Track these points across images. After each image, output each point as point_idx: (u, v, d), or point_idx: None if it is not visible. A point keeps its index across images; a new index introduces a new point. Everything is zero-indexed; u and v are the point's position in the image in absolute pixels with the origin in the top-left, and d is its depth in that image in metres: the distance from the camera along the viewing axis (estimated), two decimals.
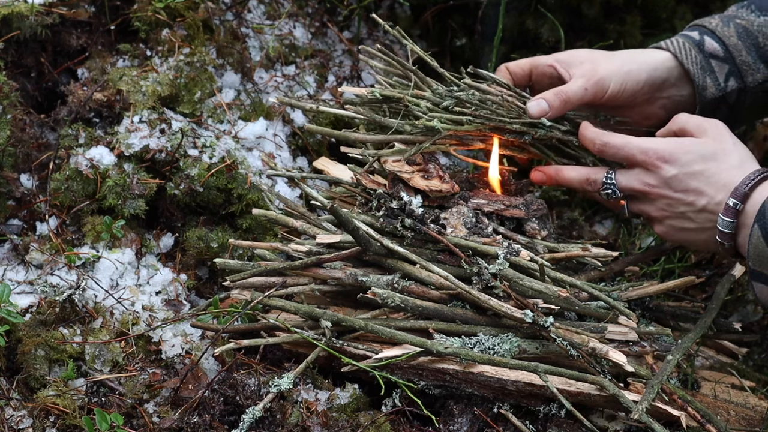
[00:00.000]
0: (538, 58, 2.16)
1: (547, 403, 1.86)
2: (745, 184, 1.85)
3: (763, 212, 1.79)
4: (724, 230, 1.87)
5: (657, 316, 2.07)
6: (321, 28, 2.56)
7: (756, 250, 1.79)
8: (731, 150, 1.92)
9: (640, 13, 2.74)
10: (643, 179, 1.95)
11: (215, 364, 1.92)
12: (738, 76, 2.06)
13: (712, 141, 1.92)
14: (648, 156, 1.93)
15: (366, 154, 2.06)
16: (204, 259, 2.15)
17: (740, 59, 2.05)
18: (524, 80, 2.17)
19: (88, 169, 2.13)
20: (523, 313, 1.83)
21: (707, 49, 2.06)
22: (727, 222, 1.86)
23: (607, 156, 2.00)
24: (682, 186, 1.91)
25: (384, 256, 1.93)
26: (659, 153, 1.92)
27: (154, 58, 2.30)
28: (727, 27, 2.07)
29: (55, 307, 1.93)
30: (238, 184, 2.18)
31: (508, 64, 2.17)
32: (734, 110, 2.08)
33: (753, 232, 1.80)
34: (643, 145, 1.94)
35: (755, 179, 1.85)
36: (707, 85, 2.06)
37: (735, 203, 1.84)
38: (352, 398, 1.85)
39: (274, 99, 2.26)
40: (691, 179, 1.90)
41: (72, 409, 1.81)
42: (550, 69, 2.12)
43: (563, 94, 2.04)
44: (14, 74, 2.26)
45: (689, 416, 1.83)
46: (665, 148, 1.93)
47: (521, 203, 2.07)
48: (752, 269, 1.82)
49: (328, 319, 1.87)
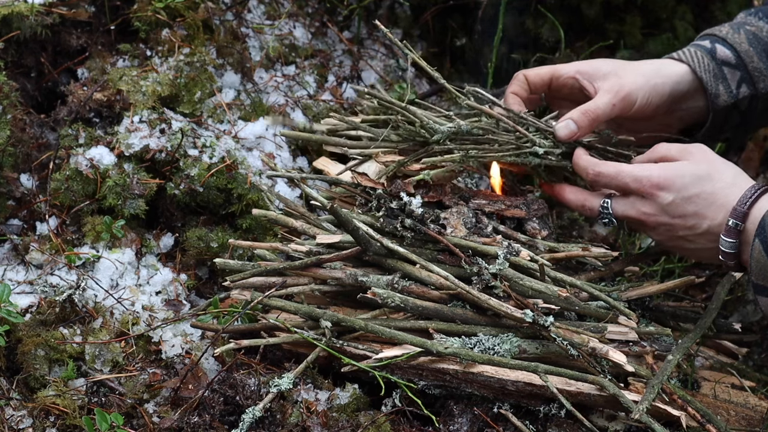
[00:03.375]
0: (558, 68, 2.12)
1: (547, 403, 1.86)
2: (742, 203, 1.83)
3: (763, 226, 1.78)
4: (727, 250, 1.86)
5: (657, 316, 2.06)
6: (321, 28, 2.56)
7: (758, 264, 1.79)
8: (723, 168, 1.90)
9: (640, 13, 2.74)
10: (639, 208, 1.93)
11: (215, 364, 1.92)
12: (750, 82, 2.05)
13: (703, 162, 1.90)
14: (642, 184, 1.91)
15: (356, 154, 2.07)
16: (204, 259, 2.15)
17: (752, 65, 2.04)
18: (542, 89, 2.13)
19: (88, 169, 2.12)
20: (523, 312, 1.83)
21: (719, 57, 2.05)
22: (729, 243, 1.85)
23: (600, 185, 1.98)
24: (680, 212, 1.89)
25: (384, 256, 1.93)
26: (653, 180, 1.90)
27: (154, 58, 2.30)
28: (738, 34, 2.06)
29: (55, 307, 1.93)
30: (238, 184, 2.18)
31: (527, 71, 2.13)
32: (746, 116, 2.08)
33: (754, 246, 1.79)
34: (636, 173, 1.92)
35: (752, 197, 1.83)
36: (720, 93, 2.04)
37: (735, 224, 1.83)
38: (352, 398, 1.85)
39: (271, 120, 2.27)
40: (688, 204, 1.88)
41: (72, 409, 1.81)
42: (571, 80, 2.09)
43: (591, 113, 2.01)
44: (14, 74, 2.26)
45: (689, 416, 1.83)
46: (659, 174, 1.90)
47: (522, 203, 2.07)
48: (755, 283, 1.81)
49: (328, 319, 1.87)
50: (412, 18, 2.69)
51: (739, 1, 2.83)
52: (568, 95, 2.11)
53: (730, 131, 2.12)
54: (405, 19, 2.67)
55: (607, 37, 2.70)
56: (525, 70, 2.13)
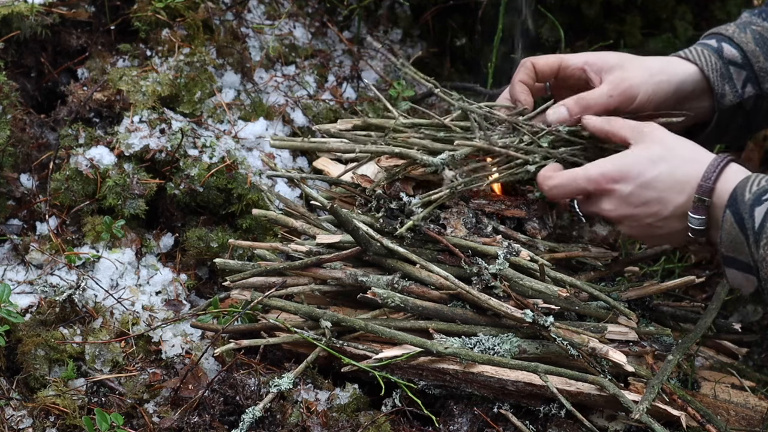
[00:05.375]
0: (567, 57, 2.10)
1: (547, 403, 1.86)
2: (707, 178, 1.81)
3: (734, 197, 1.77)
4: (696, 227, 1.84)
5: (657, 316, 2.06)
6: (321, 28, 2.56)
7: (729, 236, 1.78)
8: (676, 145, 1.88)
9: (640, 13, 2.74)
10: (601, 206, 1.92)
11: (215, 364, 1.92)
12: (755, 82, 2.04)
13: (654, 143, 1.88)
14: (598, 182, 1.89)
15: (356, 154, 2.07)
16: (204, 259, 2.15)
17: (758, 65, 2.03)
18: (549, 78, 2.12)
19: (88, 169, 2.13)
20: (523, 312, 1.83)
21: (726, 56, 2.04)
22: (698, 219, 1.83)
23: (560, 197, 1.96)
24: (641, 199, 1.87)
25: (384, 256, 1.93)
26: (608, 175, 1.88)
27: (154, 58, 2.30)
28: (744, 33, 2.06)
29: (55, 307, 1.93)
30: (238, 184, 2.18)
31: (535, 59, 2.10)
32: (750, 117, 2.07)
33: (725, 218, 1.78)
34: (589, 174, 1.90)
35: (717, 170, 1.81)
36: (726, 93, 2.04)
37: (702, 199, 1.82)
38: (352, 398, 1.85)
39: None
40: (647, 190, 1.86)
41: (72, 409, 1.81)
42: (579, 71, 2.07)
43: (584, 101, 2.00)
44: (14, 74, 2.26)
45: (689, 416, 1.83)
46: (612, 167, 1.88)
47: (522, 203, 2.07)
48: (725, 255, 1.80)
49: (328, 319, 1.87)
50: (412, 18, 2.69)
51: (738, 2, 2.83)
52: (574, 85, 2.10)
53: (733, 132, 2.12)
54: (405, 19, 2.67)
55: (607, 37, 2.70)
56: (533, 58, 2.11)
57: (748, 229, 1.75)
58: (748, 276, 1.79)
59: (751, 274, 1.79)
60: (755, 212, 1.75)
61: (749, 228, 1.75)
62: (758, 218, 1.74)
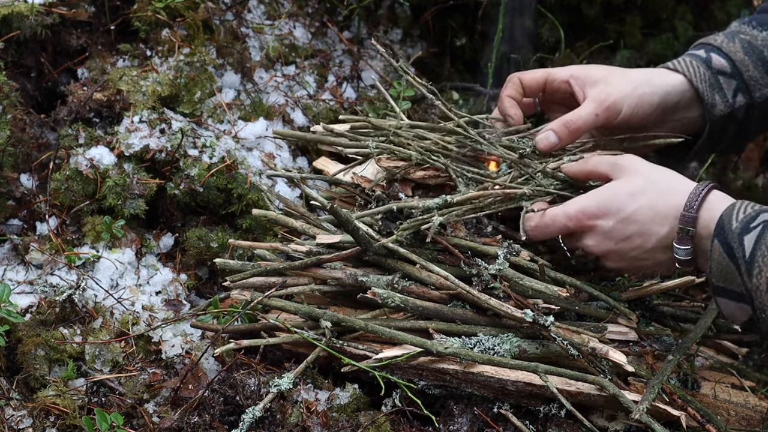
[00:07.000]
0: (553, 71, 2.09)
1: (547, 403, 1.86)
2: (690, 208, 1.79)
3: (721, 226, 1.75)
4: (682, 258, 1.82)
5: (657, 316, 2.06)
6: (321, 28, 2.56)
7: (719, 266, 1.76)
8: (656, 177, 1.86)
9: (640, 13, 2.74)
10: (583, 242, 1.90)
11: (215, 364, 1.92)
12: (746, 91, 2.03)
13: (633, 176, 1.86)
14: (579, 220, 1.87)
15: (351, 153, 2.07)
16: (204, 259, 2.15)
17: (747, 74, 2.03)
18: (536, 92, 2.11)
19: (88, 169, 2.13)
20: (523, 312, 1.83)
21: (715, 66, 2.03)
22: (684, 250, 1.81)
23: (541, 238, 1.94)
24: (624, 234, 1.85)
25: (384, 256, 1.93)
26: (587, 212, 1.87)
27: (154, 58, 2.30)
28: (733, 42, 2.05)
29: (55, 307, 1.93)
30: (238, 184, 2.18)
31: (521, 74, 2.09)
32: (743, 126, 2.06)
33: (713, 248, 1.75)
34: (568, 212, 1.88)
35: (698, 199, 1.79)
36: (716, 103, 2.03)
37: (687, 230, 1.79)
38: (352, 398, 1.85)
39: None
40: (628, 224, 1.84)
41: (72, 409, 1.81)
42: (564, 85, 2.06)
43: (572, 124, 1.99)
44: (14, 74, 2.26)
45: (689, 416, 1.83)
46: (591, 203, 1.87)
47: None
48: (716, 285, 1.78)
49: (328, 319, 1.87)
50: (412, 18, 2.69)
51: (738, 2, 2.83)
52: (561, 99, 2.10)
53: (726, 141, 2.10)
54: (405, 19, 2.67)
55: (607, 37, 2.70)
56: (519, 73, 2.10)
57: (738, 258, 1.73)
58: (741, 305, 1.77)
59: (744, 303, 1.76)
60: (744, 240, 1.72)
61: (739, 257, 1.73)
62: (748, 247, 1.72)
